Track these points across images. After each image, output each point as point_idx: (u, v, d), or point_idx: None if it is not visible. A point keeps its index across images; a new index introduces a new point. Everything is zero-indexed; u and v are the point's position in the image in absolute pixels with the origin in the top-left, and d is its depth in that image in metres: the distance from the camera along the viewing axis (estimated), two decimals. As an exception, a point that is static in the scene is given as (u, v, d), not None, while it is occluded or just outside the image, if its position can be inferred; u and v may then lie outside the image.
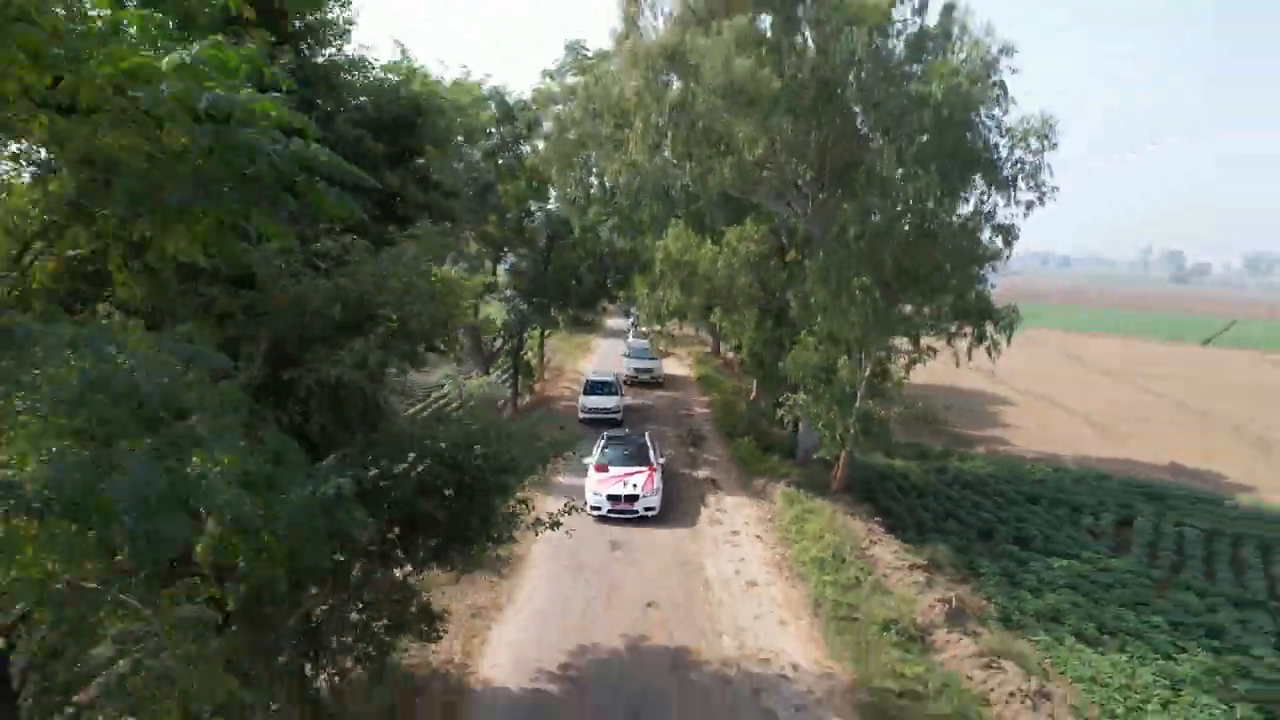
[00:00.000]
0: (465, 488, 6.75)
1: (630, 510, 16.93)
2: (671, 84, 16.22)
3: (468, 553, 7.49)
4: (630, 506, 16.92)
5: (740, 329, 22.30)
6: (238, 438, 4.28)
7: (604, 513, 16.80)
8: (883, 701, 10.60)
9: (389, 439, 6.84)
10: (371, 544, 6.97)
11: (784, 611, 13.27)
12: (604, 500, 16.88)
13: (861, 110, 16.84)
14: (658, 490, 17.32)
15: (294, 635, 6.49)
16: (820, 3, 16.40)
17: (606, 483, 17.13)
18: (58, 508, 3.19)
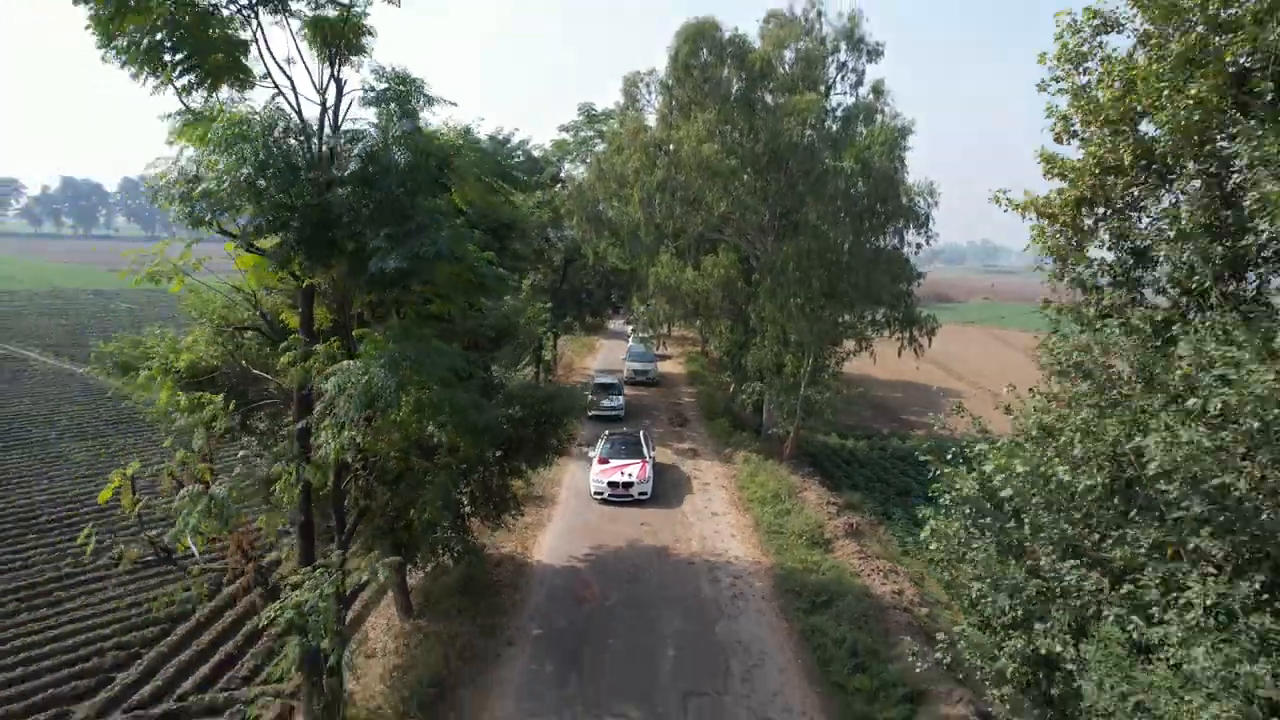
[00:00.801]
0: (545, 422, 12.88)
1: (627, 494, 20.68)
2: (659, 162, 22.44)
3: (545, 458, 13.71)
4: (627, 492, 20.65)
5: (716, 334, 28.52)
6: (469, 387, 10.40)
7: (605, 496, 20.69)
8: (789, 573, 16.76)
9: (507, 398, 12.99)
10: (495, 456, 13.17)
11: (734, 529, 19.47)
12: (605, 486, 20.71)
13: (798, 176, 23.00)
14: (649, 479, 21.05)
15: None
16: (765, 109, 22.61)
17: (607, 472, 20.91)
18: (449, 418, 9.21)
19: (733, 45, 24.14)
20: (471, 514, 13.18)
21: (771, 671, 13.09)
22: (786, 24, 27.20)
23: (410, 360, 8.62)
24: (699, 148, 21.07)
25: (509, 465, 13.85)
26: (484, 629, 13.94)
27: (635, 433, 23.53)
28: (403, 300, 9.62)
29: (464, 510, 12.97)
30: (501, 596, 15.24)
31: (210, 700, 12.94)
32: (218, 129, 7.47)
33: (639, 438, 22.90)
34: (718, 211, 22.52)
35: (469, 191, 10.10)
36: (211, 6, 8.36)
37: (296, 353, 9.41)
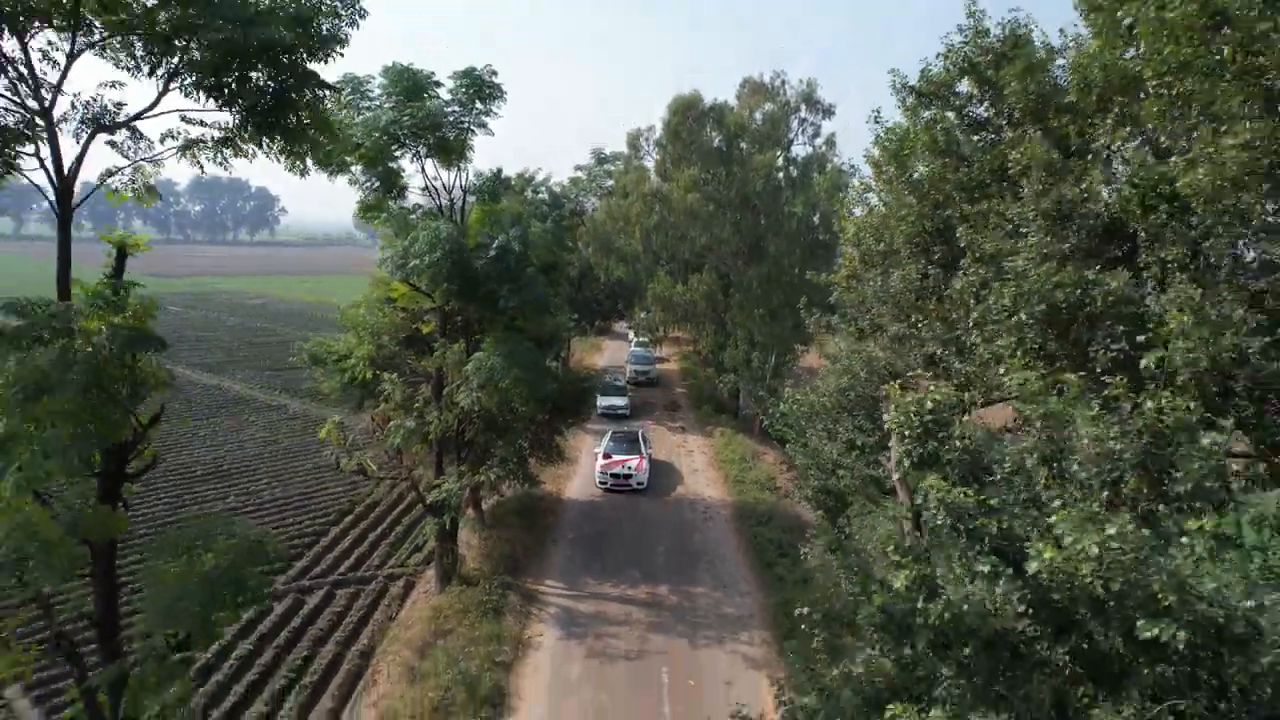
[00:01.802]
0: (581, 394, 19.89)
1: (626, 485, 24.36)
2: (655, 208, 29.44)
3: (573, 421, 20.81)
4: (626, 482, 24.32)
5: (702, 336, 35.55)
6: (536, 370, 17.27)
7: (608, 486, 24.35)
8: (744, 505, 23.73)
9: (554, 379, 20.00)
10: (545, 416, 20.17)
11: (709, 481, 26.47)
12: (608, 478, 24.39)
13: (763, 215, 29.98)
14: (646, 471, 24.64)
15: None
16: (739, 159, 29.62)
17: (609, 465, 24.55)
18: (526, 389, 16.06)
19: (712, 112, 31.14)
20: (529, 454, 20.17)
21: (726, 559, 20.11)
22: (758, 89, 34.31)
23: (510, 354, 15.60)
24: (685, 196, 28.10)
25: (553, 424, 20.88)
26: (536, 535, 20.98)
27: (635, 432, 27.36)
28: (503, 319, 16.59)
29: (524, 452, 19.95)
30: (545, 518, 22.27)
31: (361, 574, 19.92)
32: (423, 234, 14.46)
33: (638, 436, 26.69)
34: (700, 244, 29.58)
35: (541, 254, 17.18)
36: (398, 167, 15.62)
37: (441, 348, 16.46)
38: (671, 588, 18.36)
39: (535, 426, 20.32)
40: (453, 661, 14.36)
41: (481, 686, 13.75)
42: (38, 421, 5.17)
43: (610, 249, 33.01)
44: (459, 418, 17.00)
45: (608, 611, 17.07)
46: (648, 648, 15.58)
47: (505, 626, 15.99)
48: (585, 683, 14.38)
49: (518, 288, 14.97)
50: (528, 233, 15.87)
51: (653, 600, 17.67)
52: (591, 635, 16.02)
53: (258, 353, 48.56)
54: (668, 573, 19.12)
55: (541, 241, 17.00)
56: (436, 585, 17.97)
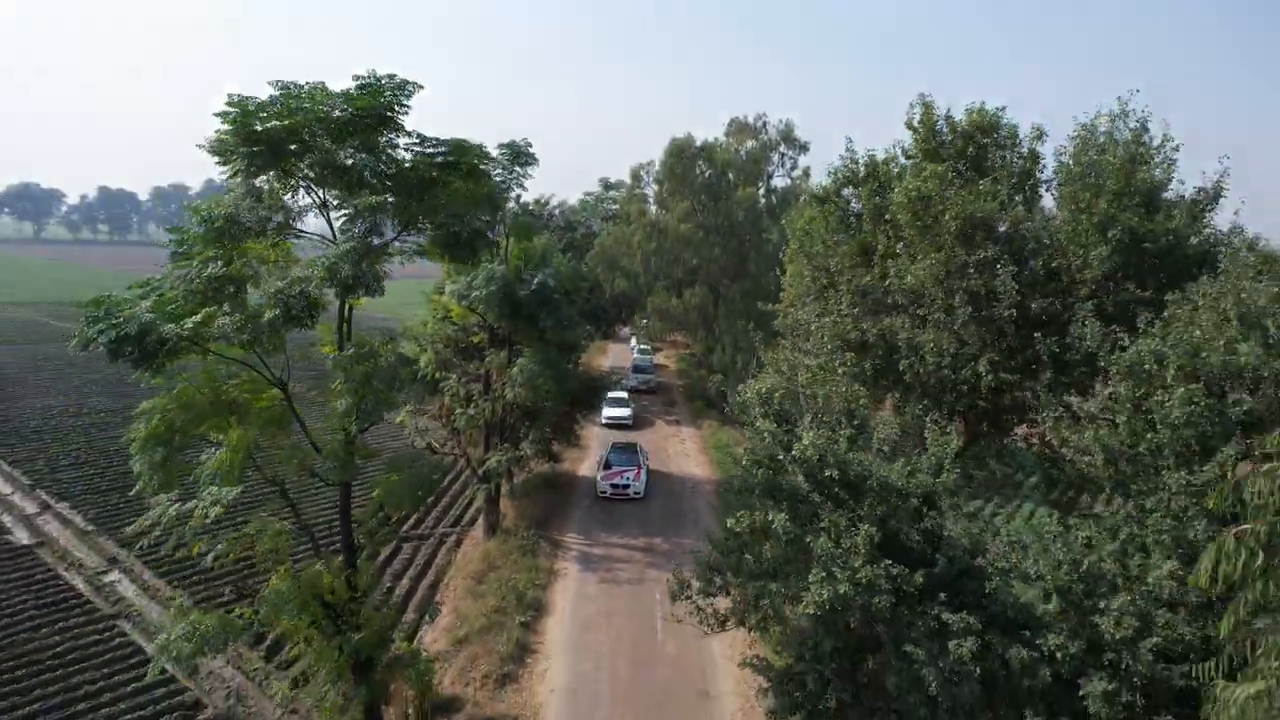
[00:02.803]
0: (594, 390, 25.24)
1: (625, 493, 26.59)
2: (653, 237, 34.90)
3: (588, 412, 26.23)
4: (625, 491, 26.47)
5: (695, 341, 40.99)
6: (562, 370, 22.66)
7: (609, 495, 26.38)
8: (724, 480, 29.15)
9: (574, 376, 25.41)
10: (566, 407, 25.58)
11: (698, 463, 31.93)
12: (608, 487, 26.47)
13: (744, 240, 35.44)
14: (643, 481, 26.77)
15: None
16: (727, 195, 35.11)
17: (609, 476, 26.69)
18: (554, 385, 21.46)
19: (703, 151, 36.64)
20: (553, 438, 25.62)
21: (706, 518, 25.56)
22: (743, 128, 39.81)
23: (544, 360, 21.05)
24: (679, 226, 33.58)
25: (572, 413, 26.35)
26: (558, 500, 26.48)
27: (633, 445, 29.53)
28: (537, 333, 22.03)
29: (549, 435, 25.41)
30: (564, 488, 27.76)
31: (420, 532, 25.39)
32: (482, 273, 19.88)
33: (636, 449, 28.87)
34: (692, 264, 35.05)
35: (565, 283, 22.67)
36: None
37: (491, 355, 21.95)
38: (664, 539, 23.79)
39: (558, 416, 25.81)
40: (504, 583, 19.86)
41: (526, 598, 19.24)
42: (365, 379, 10.45)
43: (615, 267, 38.49)
44: (503, 407, 22.48)
45: (615, 554, 22.52)
46: (645, 577, 21.03)
47: (539, 562, 21.48)
48: (600, 597, 19.86)
49: (551, 312, 20.42)
50: (555, 266, 21.33)
51: (649, 547, 23.10)
52: (603, 569, 21.50)
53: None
54: (661, 528, 24.56)
55: (565, 273, 22.47)
56: (484, 536, 23.47)
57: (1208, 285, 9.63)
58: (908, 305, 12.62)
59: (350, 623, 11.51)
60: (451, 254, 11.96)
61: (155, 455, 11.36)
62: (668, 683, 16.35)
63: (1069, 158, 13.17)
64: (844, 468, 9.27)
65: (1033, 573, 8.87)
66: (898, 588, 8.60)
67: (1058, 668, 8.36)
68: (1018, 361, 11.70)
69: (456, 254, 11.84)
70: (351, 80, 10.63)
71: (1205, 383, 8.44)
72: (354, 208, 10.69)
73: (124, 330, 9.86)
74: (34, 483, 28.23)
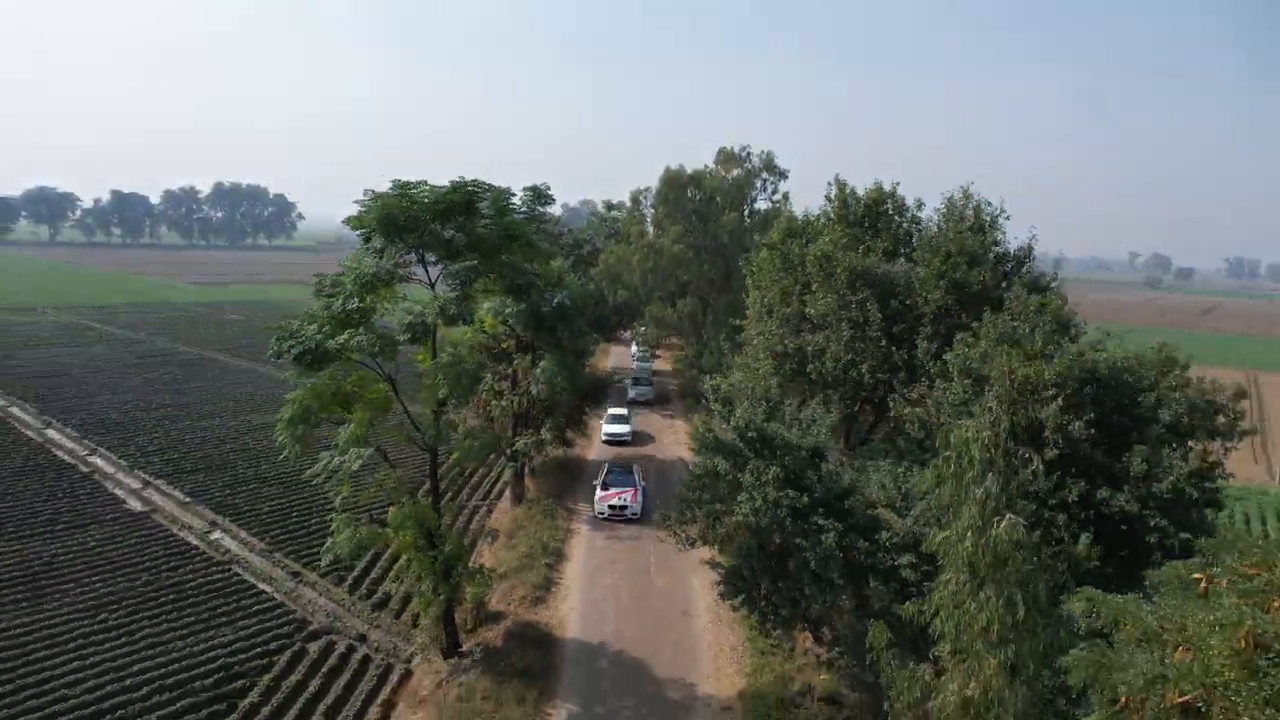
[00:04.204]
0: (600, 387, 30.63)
1: (622, 514, 27.40)
2: (650, 256, 40.41)
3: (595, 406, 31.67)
4: (622, 512, 27.42)
5: (688, 345, 46.52)
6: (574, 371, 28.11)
7: (606, 516, 27.45)
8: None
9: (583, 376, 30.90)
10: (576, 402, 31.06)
11: (686, 449, 37.44)
12: (606, 508, 27.45)
13: (729, 257, 40.90)
14: (640, 502, 27.69)
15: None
16: (713, 219, 40.64)
17: (606, 497, 27.68)
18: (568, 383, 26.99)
19: (693, 179, 42.15)
20: (566, 426, 31.14)
21: (693, 493, 31.07)
22: (729, 157, 45.29)
23: (560, 363, 26.55)
24: (672, 247, 39.09)
25: (581, 406, 31.87)
26: (570, 478, 32.02)
27: (630, 466, 30.92)
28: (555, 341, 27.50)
29: (564, 424, 30.93)
30: (575, 469, 33.30)
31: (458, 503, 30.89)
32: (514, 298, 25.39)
33: (632, 469, 30.16)
34: (684, 279, 40.57)
35: (579, 300, 28.18)
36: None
37: (519, 358, 27.49)
38: (656, 508, 29.30)
39: (571, 409, 31.34)
40: (531, 537, 25.40)
41: (549, 548, 24.78)
42: (458, 377, 15.94)
43: (617, 280, 44.03)
44: (527, 401, 27.98)
45: (617, 519, 28.03)
46: (641, 535, 26.53)
47: (558, 523, 27.02)
48: (606, 549, 25.40)
49: (566, 325, 25.85)
50: (569, 286, 26.83)
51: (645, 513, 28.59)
52: (608, 529, 27.01)
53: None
54: (654, 498, 30.07)
55: (577, 293, 27.97)
56: (511, 505, 29.00)
57: (990, 319, 14.90)
58: (816, 327, 18.02)
59: (439, 542, 17.06)
60: (514, 296, 17.53)
61: (296, 430, 16.86)
62: (658, 606, 21.88)
63: (933, 223, 18.61)
64: (760, 431, 14.66)
65: (877, 496, 14.28)
66: (793, 504, 13.99)
67: (889, 553, 13.79)
68: (885, 366, 17.07)
69: (517, 296, 17.43)
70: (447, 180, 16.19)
71: (974, 379, 13.70)
72: (448, 265, 16.26)
73: (305, 345, 15.37)
74: (131, 464, 33.78)
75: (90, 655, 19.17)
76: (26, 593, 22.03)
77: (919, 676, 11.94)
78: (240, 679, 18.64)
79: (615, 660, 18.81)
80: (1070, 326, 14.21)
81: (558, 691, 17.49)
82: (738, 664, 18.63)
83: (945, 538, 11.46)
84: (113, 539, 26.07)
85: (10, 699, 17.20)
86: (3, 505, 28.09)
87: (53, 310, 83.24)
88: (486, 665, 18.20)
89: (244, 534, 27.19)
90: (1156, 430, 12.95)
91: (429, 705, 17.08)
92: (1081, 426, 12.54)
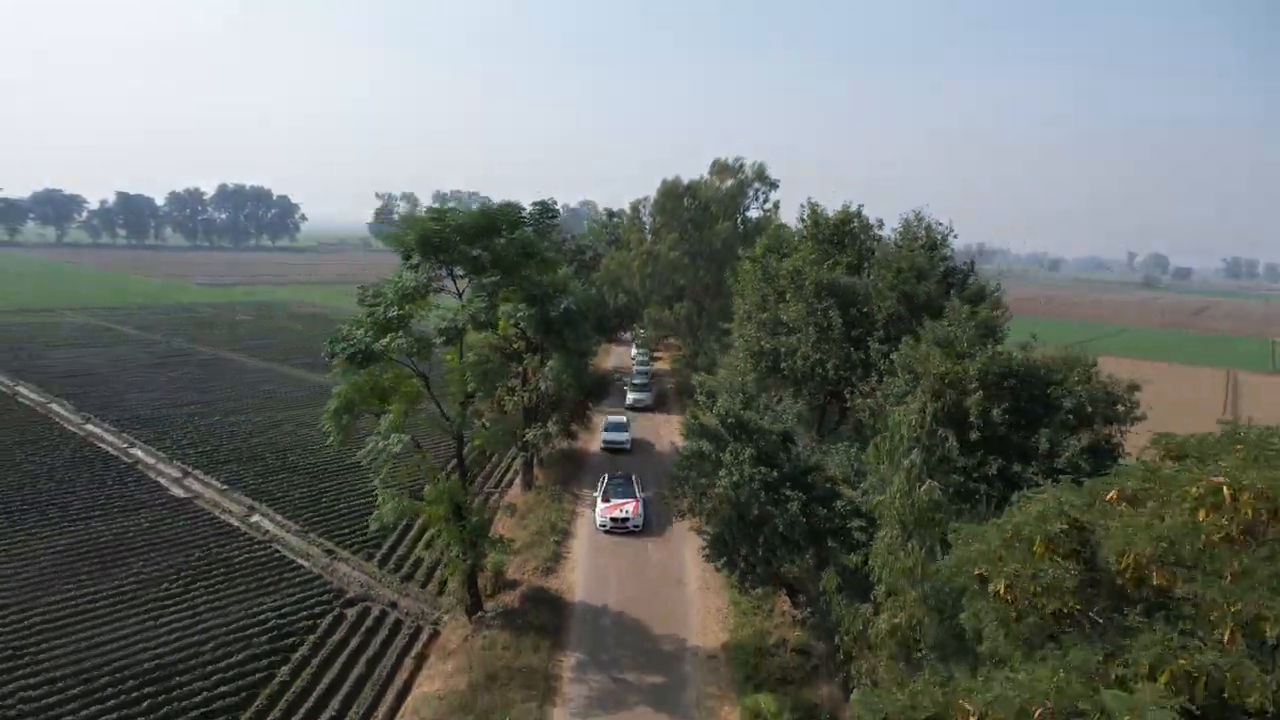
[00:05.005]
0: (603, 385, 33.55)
1: (624, 527, 27.38)
2: (648, 262, 43.27)
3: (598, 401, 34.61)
4: (624, 525, 27.43)
5: (684, 346, 49.41)
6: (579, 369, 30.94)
7: (608, 529, 27.52)
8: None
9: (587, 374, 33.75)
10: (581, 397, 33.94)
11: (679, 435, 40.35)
12: (607, 520, 27.56)
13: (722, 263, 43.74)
14: (641, 514, 27.85)
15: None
16: (708, 226, 43.51)
17: (608, 510, 27.87)
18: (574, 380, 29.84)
19: (688, 190, 45.00)
20: (570, 420, 33.98)
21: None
22: (724, 168, 48.15)
23: (566, 363, 29.39)
24: (669, 253, 41.95)
25: (585, 402, 34.73)
26: (574, 468, 34.88)
27: (629, 477, 30.90)
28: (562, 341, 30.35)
29: (568, 418, 33.78)
30: (579, 460, 36.16)
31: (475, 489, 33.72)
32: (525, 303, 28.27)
33: (632, 480, 30.44)
34: (680, 283, 43.45)
35: (583, 305, 31.03)
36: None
37: (529, 358, 30.36)
38: (654, 492, 32.16)
39: (575, 404, 34.22)
40: (541, 518, 28.25)
41: (557, 527, 27.65)
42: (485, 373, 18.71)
43: (618, 284, 46.92)
44: (536, 396, 30.83)
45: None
46: (640, 517, 29.42)
47: (564, 506, 29.88)
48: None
49: (572, 328, 28.64)
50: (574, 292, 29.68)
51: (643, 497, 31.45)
52: (610, 512, 29.89)
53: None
54: (651, 484, 32.93)
55: (582, 298, 30.83)
56: (521, 490, 31.85)
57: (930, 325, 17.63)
58: (789, 331, 20.84)
59: (466, 515, 19.92)
60: (529, 304, 20.41)
61: (341, 420, 19.70)
62: (654, 576, 24.74)
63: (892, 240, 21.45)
64: (738, 418, 17.49)
65: (835, 472, 17.09)
66: (764, 479, 16.80)
67: (844, 518, 16.62)
68: (846, 365, 19.89)
69: (532, 304, 20.30)
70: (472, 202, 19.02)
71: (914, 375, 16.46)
72: (476, 279, 19.14)
73: (356, 347, 18.22)
74: (170, 455, 36.64)
75: (160, 616, 22.03)
76: (97, 565, 24.89)
77: (861, 613, 14.81)
78: (290, 637, 21.49)
79: (616, 619, 21.67)
80: (996, 331, 16.99)
81: (567, 644, 20.36)
82: (723, 622, 21.49)
83: (881, 500, 14.36)
84: (163, 521, 28.92)
85: (98, 651, 20.05)
86: (62, 491, 30.97)
87: (70, 312, 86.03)
88: (506, 623, 21.08)
89: (279, 517, 30.02)
90: (1061, 416, 15.81)
91: (458, 655, 19.94)
92: (999, 413, 15.37)
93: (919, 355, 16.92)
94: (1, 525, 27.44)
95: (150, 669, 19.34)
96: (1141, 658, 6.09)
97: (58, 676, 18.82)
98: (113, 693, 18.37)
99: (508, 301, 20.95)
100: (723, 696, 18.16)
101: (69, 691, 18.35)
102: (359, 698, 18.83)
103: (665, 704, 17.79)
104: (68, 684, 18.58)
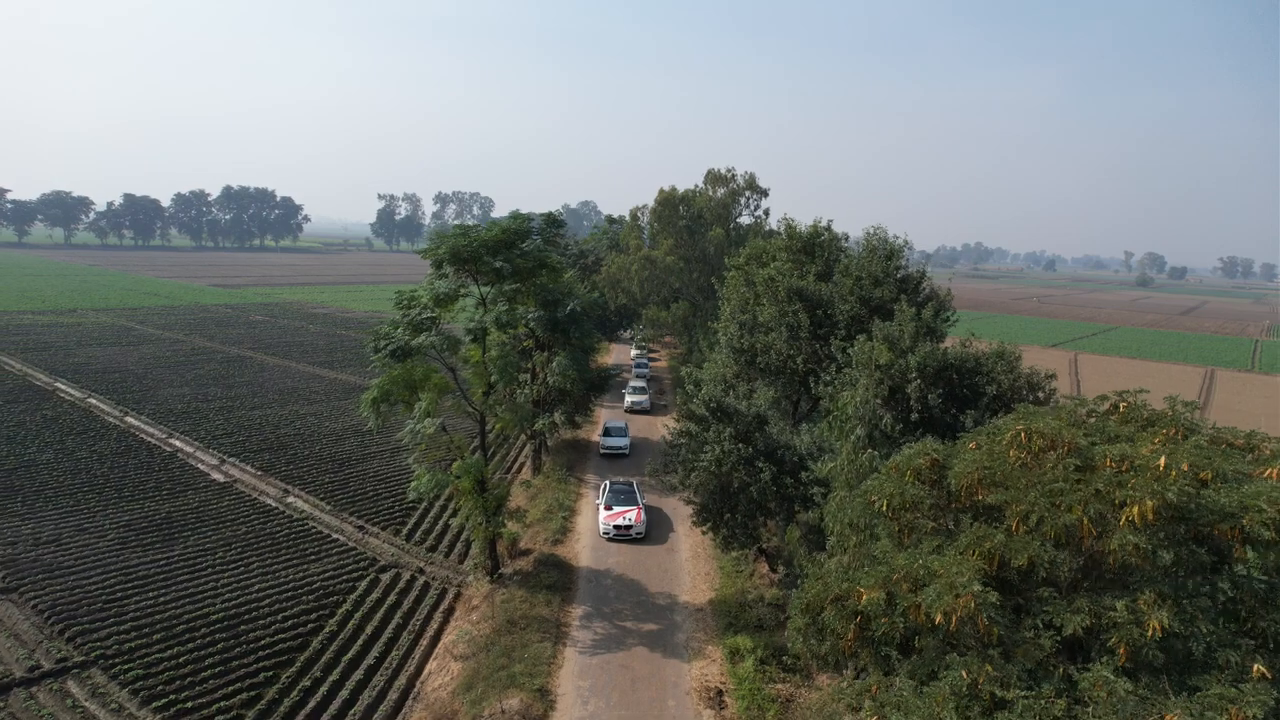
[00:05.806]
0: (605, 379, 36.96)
1: (627, 534, 27.72)
2: (646, 267, 46.54)
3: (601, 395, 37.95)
4: (627, 532, 27.81)
5: (681, 344, 52.71)
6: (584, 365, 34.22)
7: (611, 536, 27.81)
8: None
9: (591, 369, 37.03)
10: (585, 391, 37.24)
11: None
12: (610, 528, 27.82)
13: (715, 267, 47.04)
14: (644, 521, 28.22)
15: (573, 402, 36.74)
16: (703, 233, 46.81)
17: (611, 517, 28.23)
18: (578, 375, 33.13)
19: (683, 199, 48.30)
20: (575, 413, 37.30)
21: (682, 467, 37.31)
22: (717, 178, 51.49)
23: (572, 359, 32.70)
24: (665, 258, 45.23)
25: (589, 395, 38.04)
26: (579, 455, 38.17)
27: (630, 485, 31.19)
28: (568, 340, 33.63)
29: (573, 410, 37.09)
30: (583, 449, 39.44)
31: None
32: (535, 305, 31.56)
33: (633, 488, 30.71)
34: (675, 286, 46.76)
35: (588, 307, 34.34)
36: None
37: (538, 354, 33.68)
38: (654, 480, 35.46)
39: (580, 397, 37.54)
40: (549, 498, 31.54)
41: (564, 504, 30.92)
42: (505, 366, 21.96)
43: (618, 287, 50.24)
44: (545, 389, 34.11)
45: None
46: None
47: (570, 488, 33.17)
48: (610, 507, 31.57)
49: (577, 328, 31.97)
50: (579, 295, 33.00)
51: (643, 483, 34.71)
52: (611, 493, 33.20)
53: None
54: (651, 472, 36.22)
55: (586, 301, 34.15)
56: (531, 474, 35.14)
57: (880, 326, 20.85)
58: (765, 330, 24.16)
59: (488, 487, 23.21)
60: (544, 307, 23.71)
61: (379, 408, 22.97)
62: (650, 546, 28.02)
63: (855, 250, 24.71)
64: (719, 403, 20.76)
65: (801, 448, 20.37)
66: (741, 455, 20.03)
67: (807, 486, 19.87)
68: (813, 359, 23.16)
69: (547, 307, 23.60)
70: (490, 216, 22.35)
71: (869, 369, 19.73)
72: (497, 286, 22.45)
73: (396, 345, 21.49)
74: (206, 444, 39.92)
75: (219, 579, 25.31)
76: (158, 538, 28.17)
77: (818, 560, 18.07)
78: (333, 596, 24.78)
79: (617, 580, 24.96)
80: (935, 331, 20.23)
81: (575, 599, 23.65)
82: (709, 582, 24.78)
83: (832, 467, 17.64)
84: (208, 502, 32.20)
85: (174, 604, 23.34)
86: (116, 476, 34.26)
87: (92, 312, 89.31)
88: (522, 582, 24.36)
89: (312, 499, 33.29)
90: (986, 399, 19.10)
91: (481, 608, 23.24)
92: (935, 397, 18.66)
93: (866, 350, 20.24)
94: (69, 504, 30.76)
95: (218, 619, 22.63)
96: (962, 542, 9.34)
97: (144, 624, 22.12)
98: (190, 637, 21.67)
99: (523, 304, 24.20)
100: (707, 639, 21.45)
101: (153, 636, 21.64)
102: (398, 642, 22.13)
103: (659, 644, 21.07)
104: (153, 630, 21.88)
